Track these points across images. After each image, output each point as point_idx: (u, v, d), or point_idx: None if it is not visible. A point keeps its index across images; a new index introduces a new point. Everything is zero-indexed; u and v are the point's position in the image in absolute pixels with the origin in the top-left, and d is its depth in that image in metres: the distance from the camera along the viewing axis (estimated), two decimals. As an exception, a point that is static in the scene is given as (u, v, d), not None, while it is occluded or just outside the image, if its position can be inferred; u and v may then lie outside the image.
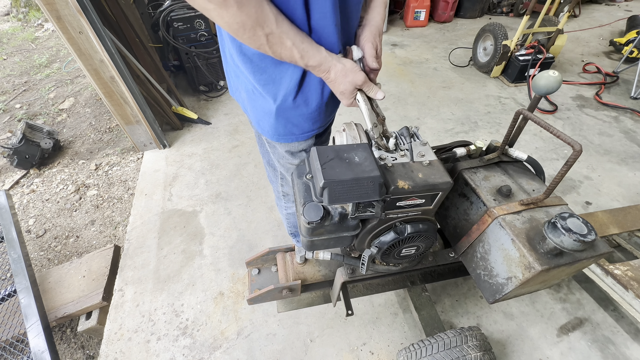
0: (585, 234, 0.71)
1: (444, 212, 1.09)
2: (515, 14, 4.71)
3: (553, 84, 0.81)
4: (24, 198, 2.30)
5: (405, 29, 4.41)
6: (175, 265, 1.71)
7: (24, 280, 1.48)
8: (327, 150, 0.72)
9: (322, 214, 0.73)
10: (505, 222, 0.85)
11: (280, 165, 1.06)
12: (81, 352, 1.55)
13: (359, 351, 1.35)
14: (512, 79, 3.06)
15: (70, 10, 1.68)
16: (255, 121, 0.91)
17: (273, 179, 1.25)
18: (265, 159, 1.20)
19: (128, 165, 2.48)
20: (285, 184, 1.18)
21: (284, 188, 1.20)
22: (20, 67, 4.09)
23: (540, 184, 0.97)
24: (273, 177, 1.23)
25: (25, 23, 5.48)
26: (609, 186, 2.03)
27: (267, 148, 1.07)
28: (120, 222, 2.08)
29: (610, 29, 4.13)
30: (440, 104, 2.86)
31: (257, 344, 1.39)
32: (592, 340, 1.36)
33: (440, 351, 1.04)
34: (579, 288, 1.52)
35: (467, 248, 1.00)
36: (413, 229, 0.83)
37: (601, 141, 2.39)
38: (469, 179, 0.97)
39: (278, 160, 1.04)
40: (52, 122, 3.09)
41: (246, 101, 0.89)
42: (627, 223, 1.50)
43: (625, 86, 2.98)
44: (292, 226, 1.38)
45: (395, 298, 1.52)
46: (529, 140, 2.41)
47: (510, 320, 1.43)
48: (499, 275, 0.89)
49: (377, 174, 0.68)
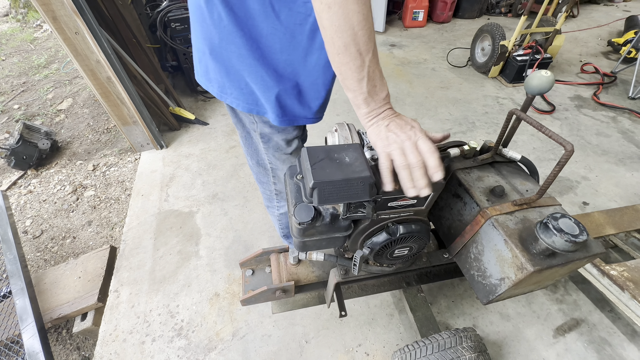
0: (577, 235, 0.70)
1: (438, 213, 1.09)
2: (513, 14, 4.72)
3: (545, 84, 0.80)
4: (21, 199, 2.30)
5: (403, 30, 4.41)
6: (171, 266, 1.70)
7: (19, 282, 1.48)
8: (318, 151, 0.72)
9: (313, 214, 0.73)
10: (498, 222, 0.84)
11: (276, 159, 1.05)
12: (77, 353, 1.55)
13: (355, 352, 1.35)
14: (510, 79, 3.06)
15: (66, 11, 1.68)
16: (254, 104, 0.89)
17: (263, 180, 1.20)
18: (254, 159, 1.15)
19: (125, 166, 2.48)
20: (278, 181, 1.15)
21: (276, 186, 1.17)
22: (18, 68, 4.10)
23: (534, 184, 0.97)
24: (263, 177, 1.19)
25: (24, 24, 5.48)
26: (606, 187, 2.03)
27: (256, 145, 1.06)
28: (117, 223, 2.07)
29: (609, 29, 4.13)
30: (438, 105, 2.86)
31: (253, 345, 1.38)
32: (589, 341, 1.35)
33: (434, 352, 1.03)
34: (575, 289, 1.52)
35: (461, 249, 1.00)
36: (405, 229, 0.83)
37: (599, 141, 2.39)
38: (462, 180, 0.96)
39: (273, 154, 1.03)
40: (50, 122, 3.09)
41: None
42: (624, 223, 1.50)
43: (623, 86, 2.98)
44: (285, 227, 1.36)
45: (391, 299, 1.51)
46: (527, 140, 2.41)
47: (507, 321, 1.43)
48: (492, 276, 0.89)
49: (368, 174, 0.67)
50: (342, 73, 0.63)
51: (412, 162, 0.65)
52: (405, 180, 0.66)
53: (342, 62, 0.61)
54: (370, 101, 0.66)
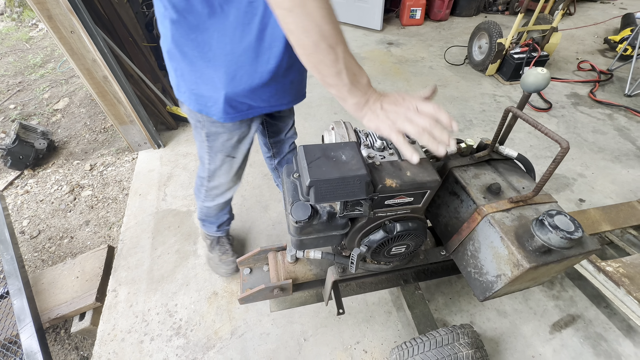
0: (572, 231, 0.71)
1: (435, 211, 1.10)
2: (510, 12, 4.72)
3: (541, 82, 0.81)
4: (18, 199, 2.29)
5: (401, 28, 4.41)
6: (169, 265, 1.70)
7: (16, 282, 1.48)
8: (314, 149, 0.72)
9: (310, 213, 0.73)
10: (495, 220, 0.85)
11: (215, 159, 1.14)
12: (75, 353, 1.55)
13: (353, 350, 1.36)
14: (507, 77, 3.07)
15: (62, 10, 1.67)
16: None
17: (201, 175, 1.26)
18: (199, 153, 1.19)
19: (123, 166, 2.47)
20: (211, 181, 1.25)
21: (210, 183, 1.26)
22: (14, 68, 4.07)
23: (530, 181, 0.97)
24: (202, 172, 1.24)
25: (20, 23, 5.44)
26: (602, 183, 2.04)
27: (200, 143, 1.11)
28: (115, 223, 2.07)
29: (605, 27, 4.14)
30: (436, 103, 2.86)
31: (251, 343, 1.39)
32: (585, 337, 1.36)
33: (432, 349, 1.04)
34: (571, 285, 1.53)
35: (458, 246, 1.00)
36: (402, 227, 0.83)
37: (595, 139, 2.40)
38: (459, 177, 0.97)
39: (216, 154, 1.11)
40: (47, 122, 3.08)
41: None
42: (619, 220, 1.51)
43: (619, 84, 2.99)
44: (200, 212, 1.46)
45: (389, 296, 1.52)
46: (523, 138, 2.42)
47: (504, 317, 1.44)
48: (488, 273, 0.89)
49: (364, 172, 0.68)
50: (320, 71, 0.63)
51: (427, 125, 0.67)
52: (430, 143, 0.67)
53: (316, 61, 0.61)
54: (355, 90, 0.66)
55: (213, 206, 1.37)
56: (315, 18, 0.55)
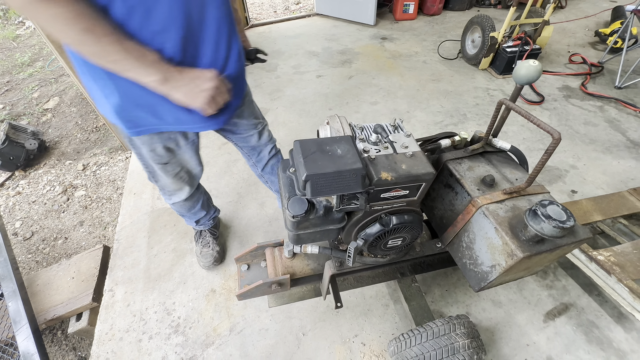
0: (564, 221, 0.72)
1: (430, 204, 1.11)
2: (503, 5, 4.73)
3: (533, 74, 0.82)
4: (9, 200, 2.26)
5: (394, 22, 4.40)
6: (166, 263, 1.70)
7: (10, 284, 1.46)
8: (310, 144, 0.72)
9: (307, 207, 0.73)
10: (489, 211, 0.86)
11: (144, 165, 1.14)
12: (73, 353, 1.54)
13: (351, 343, 1.37)
14: (500, 70, 3.09)
15: (49, 7, 1.63)
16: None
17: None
18: None
19: (116, 165, 2.45)
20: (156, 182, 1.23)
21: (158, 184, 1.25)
22: (1, 67, 3.98)
23: (523, 173, 0.99)
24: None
25: (6, 21, 5.32)
26: (594, 174, 2.07)
27: None
28: (110, 222, 2.05)
29: (596, 20, 4.17)
30: (430, 97, 2.87)
31: (250, 339, 1.39)
32: (577, 324, 1.39)
33: (429, 340, 1.05)
34: (564, 274, 1.56)
35: (453, 238, 1.02)
36: (398, 220, 0.84)
37: (587, 131, 2.43)
38: (453, 170, 0.98)
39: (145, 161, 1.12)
40: (37, 122, 3.03)
41: None
42: (610, 210, 1.54)
43: (610, 76, 3.03)
44: (176, 211, 1.49)
45: (386, 290, 1.53)
46: (517, 131, 2.44)
47: (499, 307, 1.46)
48: (483, 263, 0.91)
49: (360, 166, 0.68)
50: (118, 68, 0.69)
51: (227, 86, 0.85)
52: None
53: (107, 62, 0.68)
54: (150, 67, 0.70)
55: (175, 204, 1.38)
56: (69, 34, 0.63)
